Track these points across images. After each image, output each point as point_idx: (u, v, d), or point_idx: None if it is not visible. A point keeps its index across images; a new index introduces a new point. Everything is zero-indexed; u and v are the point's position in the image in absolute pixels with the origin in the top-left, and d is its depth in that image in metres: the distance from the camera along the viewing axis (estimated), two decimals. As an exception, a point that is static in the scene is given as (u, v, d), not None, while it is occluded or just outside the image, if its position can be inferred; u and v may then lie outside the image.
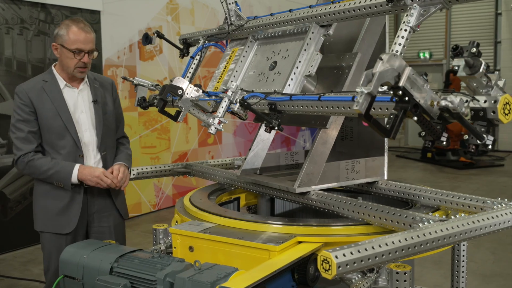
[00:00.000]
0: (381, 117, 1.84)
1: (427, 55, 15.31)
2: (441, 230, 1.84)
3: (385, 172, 2.83)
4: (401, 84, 1.45)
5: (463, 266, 2.96)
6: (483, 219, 1.99)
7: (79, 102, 2.92)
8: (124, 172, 2.92)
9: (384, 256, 1.67)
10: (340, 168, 2.66)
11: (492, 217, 2.01)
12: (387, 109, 1.78)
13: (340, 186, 2.77)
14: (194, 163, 3.52)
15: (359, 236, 2.24)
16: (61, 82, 2.89)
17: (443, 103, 1.44)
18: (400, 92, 1.46)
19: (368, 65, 2.65)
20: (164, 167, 3.45)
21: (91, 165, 2.92)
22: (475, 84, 1.48)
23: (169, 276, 1.92)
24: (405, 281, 2.09)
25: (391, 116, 1.50)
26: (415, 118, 1.50)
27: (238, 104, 2.29)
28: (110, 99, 3.07)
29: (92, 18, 6.28)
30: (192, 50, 3.41)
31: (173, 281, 1.90)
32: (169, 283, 1.92)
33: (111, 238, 2.98)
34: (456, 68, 1.50)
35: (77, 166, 2.80)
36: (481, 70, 1.44)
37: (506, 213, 2.07)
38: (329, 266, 1.56)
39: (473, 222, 1.95)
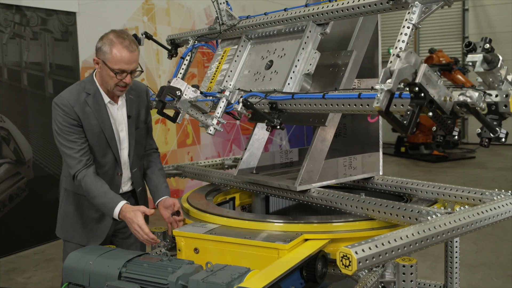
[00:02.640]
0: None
1: (397, 51, 15.49)
2: (450, 223, 1.88)
3: (381, 168, 2.87)
4: (417, 80, 1.47)
5: (456, 258, 3.03)
6: (486, 210, 2.04)
7: (119, 119, 2.75)
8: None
9: (400, 250, 1.70)
10: (339, 165, 2.68)
11: (495, 208, 2.07)
12: (395, 105, 1.81)
13: (337, 182, 2.80)
14: (186, 164, 3.50)
15: (364, 232, 2.28)
16: (105, 97, 2.69)
17: (461, 98, 1.47)
18: (417, 89, 1.48)
19: (362, 62, 2.68)
20: (156, 169, 3.41)
21: (124, 182, 2.82)
22: (491, 79, 1.52)
23: (181, 279, 1.91)
24: (411, 273, 2.12)
25: (408, 113, 1.52)
26: (430, 113, 1.53)
27: (241, 104, 2.28)
28: (143, 110, 2.87)
29: (67, 20, 6.16)
30: (180, 50, 3.40)
31: (186, 284, 1.88)
32: (182, 286, 1.90)
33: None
34: (471, 64, 1.53)
35: (120, 204, 2.52)
36: (499, 65, 1.48)
37: (507, 204, 2.13)
38: (349, 262, 1.57)
39: (477, 213, 2.01)
